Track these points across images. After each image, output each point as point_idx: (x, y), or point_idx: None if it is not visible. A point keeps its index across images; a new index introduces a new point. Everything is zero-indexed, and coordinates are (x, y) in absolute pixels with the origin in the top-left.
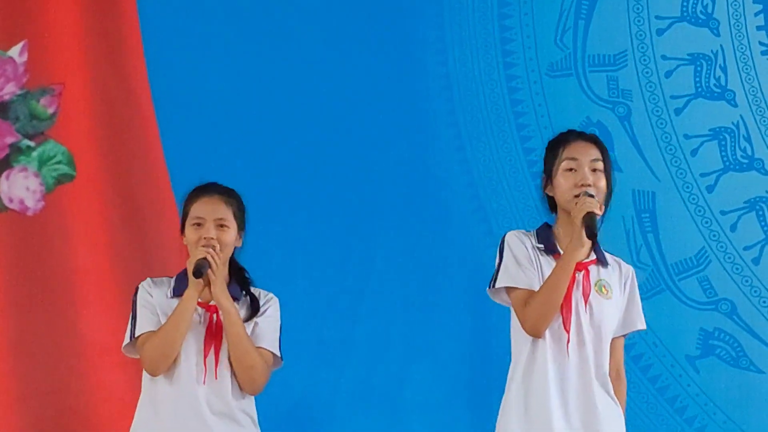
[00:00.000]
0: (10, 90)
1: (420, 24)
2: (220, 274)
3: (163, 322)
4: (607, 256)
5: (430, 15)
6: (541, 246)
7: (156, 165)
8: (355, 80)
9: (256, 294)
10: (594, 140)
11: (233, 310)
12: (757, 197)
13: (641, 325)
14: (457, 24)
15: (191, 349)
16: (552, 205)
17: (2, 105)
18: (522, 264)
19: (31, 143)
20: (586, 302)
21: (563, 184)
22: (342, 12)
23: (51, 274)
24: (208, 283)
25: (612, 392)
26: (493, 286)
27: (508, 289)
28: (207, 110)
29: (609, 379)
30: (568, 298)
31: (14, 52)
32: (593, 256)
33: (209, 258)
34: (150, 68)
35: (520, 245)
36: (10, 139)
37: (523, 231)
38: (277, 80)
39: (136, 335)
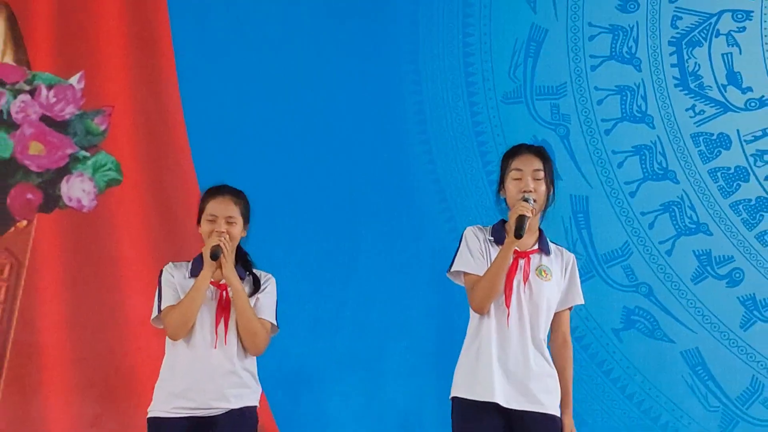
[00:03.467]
0: (70, 111)
1: (398, 59)
2: (230, 258)
3: (182, 297)
4: (552, 246)
5: (407, 51)
6: (492, 238)
7: (186, 172)
8: (347, 106)
9: (258, 274)
10: (538, 153)
11: (241, 287)
12: (670, 201)
13: (580, 300)
14: (429, 59)
15: (205, 320)
16: (505, 204)
17: (64, 123)
18: (473, 253)
19: (87, 154)
20: (525, 282)
21: (511, 190)
22: (335, 51)
23: (101, 260)
24: (219, 265)
25: (547, 355)
26: (450, 270)
27: (464, 274)
28: (226, 129)
29: (545, 344)
30: (510, 281)
31: (74, 80)
32: (536, 246)
33: (222, 244)
34: (183, 94)
35: (474, 238)
36: (69, 151)
37: (480, 226)
38: (286, 110)
39: (161, 309)
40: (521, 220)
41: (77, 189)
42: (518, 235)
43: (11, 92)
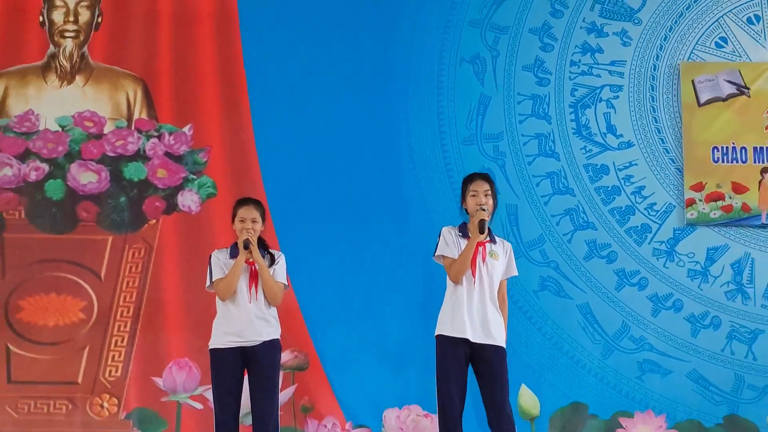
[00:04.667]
0: (183, 149)
1: (396, 116)
2: (255, 245)
3: (226, 272)
4: (497, 238)
5: (401, 112)
6: (460, 234)
7: (258, 189)
8: (364, 148)
9: (272, 253)
10: (487, 178)
11: (263, 263)
12: (570, 208)
13: (515, 272)
14: (415, 113)
15: (243, 285)
16: (466, 212)
17: (180, 157)
18: (449, 244)
19: (194, 176)
20: (484, 262)
21: (470, 203)
22: (357, 112)
23: (203, 248)
24: (249, 251)
25: (498, 308)
26: (434, 254)
27: (443, 257)
28: (285, 162)
29: (497, 301)
30: (474, 261)
31: (186, 129)
32: (488, 239)
33: (250, 237)
34: (256, 139)
35: (448, 233)
36: (183, 175)
37: (452, 226)
38: (323, 153)
39: (212, 280)
40: (483, 222)
41: (188, 199)
42: (482, 231)
43: (145, 137)
